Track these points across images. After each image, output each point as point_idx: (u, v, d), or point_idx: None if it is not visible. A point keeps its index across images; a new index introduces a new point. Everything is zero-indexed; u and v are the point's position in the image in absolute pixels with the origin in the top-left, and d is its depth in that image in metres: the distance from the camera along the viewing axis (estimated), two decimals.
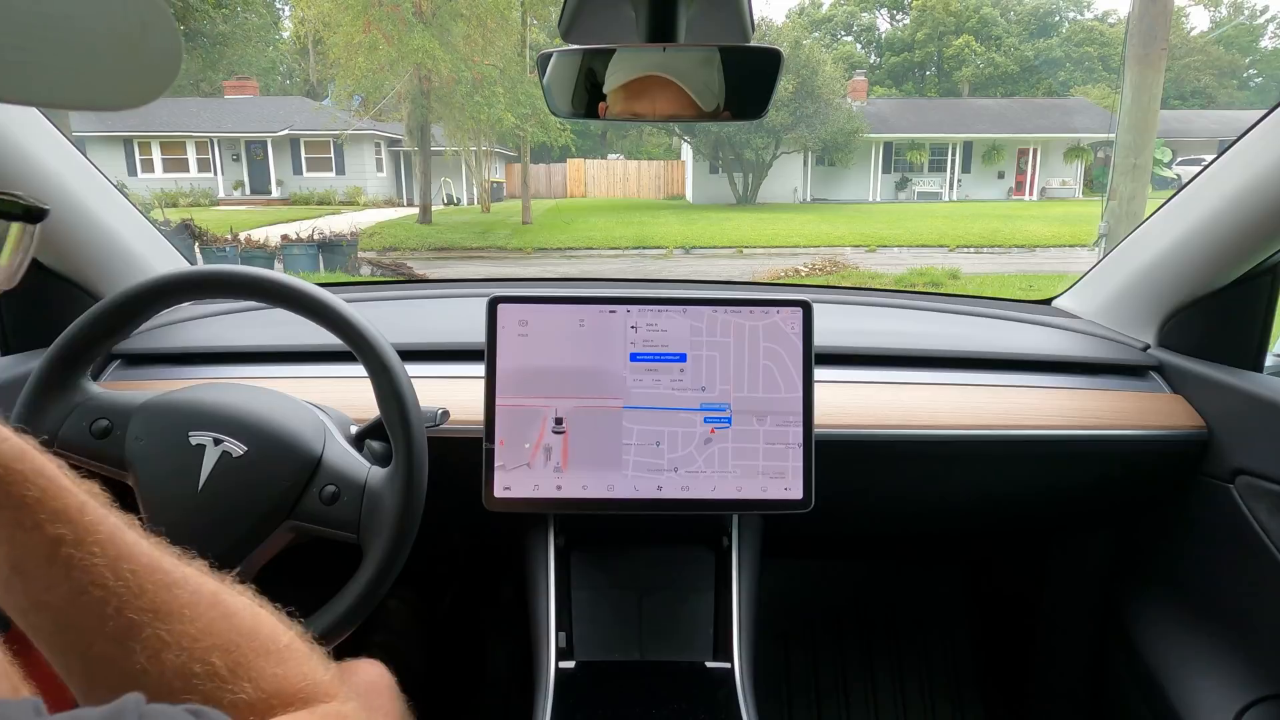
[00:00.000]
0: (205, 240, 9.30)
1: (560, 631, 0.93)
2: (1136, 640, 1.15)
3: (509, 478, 0.89)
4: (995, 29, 30.50)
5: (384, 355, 0.75)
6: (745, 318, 0.91)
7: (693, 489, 0.90)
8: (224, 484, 0.72)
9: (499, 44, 13.54)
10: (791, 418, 0.90)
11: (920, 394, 1.05)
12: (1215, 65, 29.79)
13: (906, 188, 20.88)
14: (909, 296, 1.51)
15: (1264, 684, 0.96)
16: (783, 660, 1.51)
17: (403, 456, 0.74)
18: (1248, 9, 31.83)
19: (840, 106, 18.86)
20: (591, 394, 0.90)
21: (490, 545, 1.29)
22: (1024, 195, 20.72)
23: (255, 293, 0.77)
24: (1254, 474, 0.96)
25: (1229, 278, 1.01)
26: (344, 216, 14.49)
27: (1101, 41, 31.02)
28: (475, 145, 15.41)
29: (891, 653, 1.53)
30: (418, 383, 0.77)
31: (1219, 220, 0.97)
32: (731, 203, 19.19)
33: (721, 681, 0.90)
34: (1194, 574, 1.09)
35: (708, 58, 0.70)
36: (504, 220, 15.11)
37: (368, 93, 14.12)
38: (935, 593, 1.58)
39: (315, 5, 14.39)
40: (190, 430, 0.74)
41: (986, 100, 25.52)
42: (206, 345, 1.09)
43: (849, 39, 35.55)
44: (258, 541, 0.72)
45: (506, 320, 0.90)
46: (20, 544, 0.38)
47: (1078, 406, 1.05)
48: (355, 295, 1.35)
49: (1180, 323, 1.11)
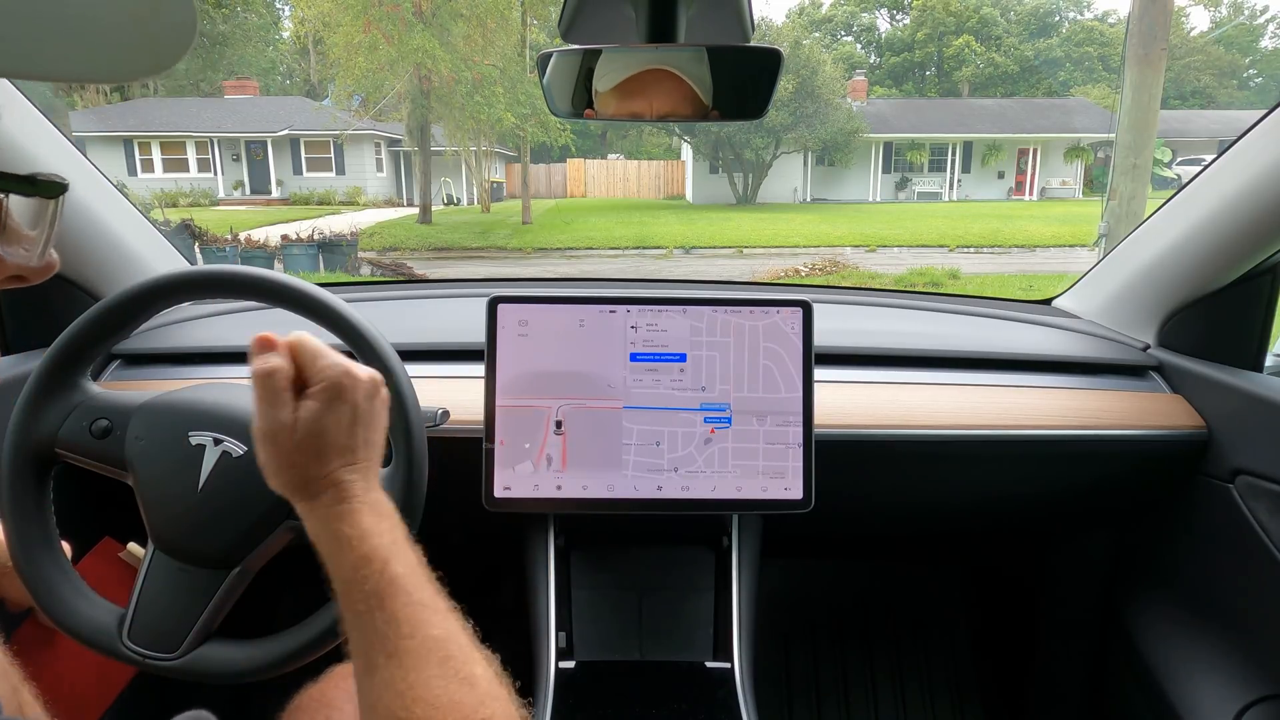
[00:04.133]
0: (205, 240, 9.31)
1: (560, 631, 0.93)
2: (1136, 640, 1.15)
3: (509, 478, 0.89)
4: (995, 29, 30.50)
5: (384, 355, 0.75)
6: (745, 318, 0.91)
7: (693, 489, 0.90)
8: (224, 484, 0.72)
9: (499, 44, 13.54)
10: (791, 418, 0.90)
11: (920, 394, 1.05)
12: (1215, 65, 29.78)
13: (906, 188, 20.87)
14: (909, 296, 1.51)
15: (1264, 684, 0.96)
16: (783, 660, 1.51)
17: (403, 456, 0.74)
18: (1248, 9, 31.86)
19: (840, 106, 18.86)
20: (591, 394, 0.90)
21: (490, 545, 1.29)
22: (1024, 195, 20.72)
23: (255, 293, 0.77)
24: (1254, 474, 0.96)
25: (1229, 278, 1.01)
26: (344, 216, 14.48)
27: (1101, 41, 31.01)
28: (475, 145, 15.42)
29: (891, 653, 1.53)
30: (418, 383, 0.77)
31: (1219, 220, 0.97)
32: (731, 203, 19.19)
33: (721, 681, 0.90)
34: (1194, 574, 1.09)
35: (699, 56, 0.70)
36: (504, 220, 15.11)
37: (368, 93, 14.13)
38: (935, 592, 1.58)
39: (315, 5, 14.40)
40: (190, 430, 0.74)
41: (986, 100, 25.52)
42: (206, 345, 1.09)
43: (849, 39, 35.56)
44: (258, 541, 0.72)
45: (506, 320, 0.90)
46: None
47: (1078, 406, 1.05)
48: (355, 295, 1.35)
49: (1180, 323, 1.11)
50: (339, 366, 0.57)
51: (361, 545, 0.53)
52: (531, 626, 0.94)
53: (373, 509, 0.56)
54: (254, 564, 0.72)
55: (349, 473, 0.56)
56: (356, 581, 0.52)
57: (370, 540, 0.53)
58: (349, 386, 0.57)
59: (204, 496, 0.71)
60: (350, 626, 0.52)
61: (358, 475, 0.56)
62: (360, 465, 0.57)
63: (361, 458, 0.57)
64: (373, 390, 0.59)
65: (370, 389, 0.59)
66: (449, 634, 0.52)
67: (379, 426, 0.60)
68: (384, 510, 0.57)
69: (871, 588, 1.58)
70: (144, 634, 0.69)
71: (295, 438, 0.55)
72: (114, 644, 0.68)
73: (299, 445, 0.55)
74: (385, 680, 0.48)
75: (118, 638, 0.69)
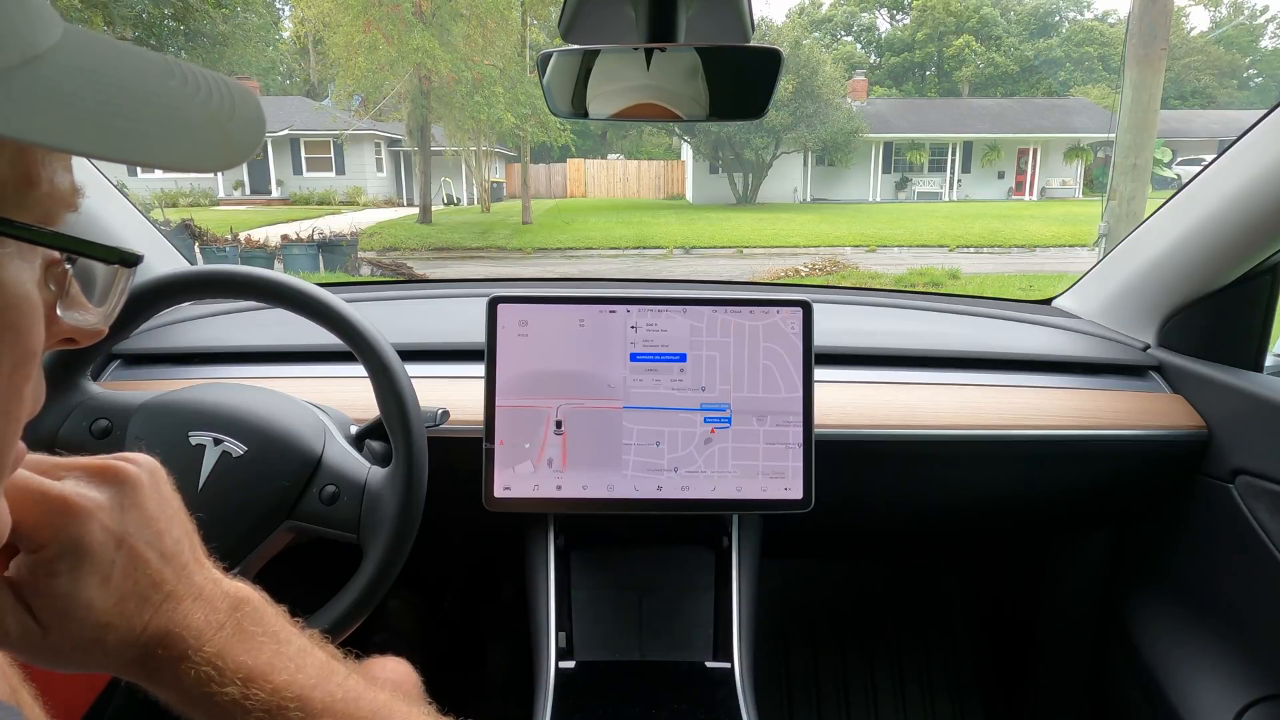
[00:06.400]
0: (205, 240, 9.31)
1: (560, 631, 0.93)
2: (1136, 640, 1.15)
3: (509, 478, 0.89)
4: (995, 29, 30.51)
5: (384, 355, 0.75)
6: (745, 318, 0.91)
7: (692, 489, 0.90)
8: (224, 484, 0.72)
9: (499, 44, 13.55)
10: (791, 418, 0.90)
11: (920, 394, 1.05)
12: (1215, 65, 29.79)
13: (906, 188, 20.88)
14: (909, 296, 1.51)
15: (1264, 684, 0.96)
16: (783, 660, 1.51)
17: (403, 456, 0.74)
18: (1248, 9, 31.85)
19: (840, 106, 18.87)
20: (591, 394, 0.90)
21: (490, 545, 1.29)
22: (1024, 195, 20.72)
23: (255, 293, 0.77)
24: (1254, 474, 0.96)
25: (1229, 278, 1.01)
26: (344, 216, 14.50)
27: (1101, 41, 31.02)
28: (475, 145, 15.42)
29: (891, 653, 1.53)
30: (418, 383, 0.77)
31: (1219, 220, 0.97)
32: (731, 203, 19.20)
33: (721, 681, 0.90)
34: (1194, 574, 1.09)
35: (693, 66, 0.70)
36: (504, 220, 15.12)
37: (368, 93, 14.12)
38: (935, 592, 1.58)
39: (315, 5, 14.39)
40: (190, 430, 0.74)
41: (986, 100, 25.52)
42: (206, 345, 1.09)
43: (849, 39, 35.57)
44: (258, 541, 0.72)
45: (506, 320, 0.90)
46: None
47: (1078, 406, 1.05)
48: (355, 295, 1.35)
49: (1180, 323, 1.11)
50: (55, 506, 0.37)
51: (252, 698, 0.39)
52: (531, 626, 0.94)
53: (241, 638, 0.40)
54: (254, 564, 0.72)
55: (169, 613, 0.39)
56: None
57: (262, 685, 0.39)
58: (86, 522, 0.37)
59: (204, 497, 0.71)
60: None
61: (186, 609, 0.39)
62: (185, 596, 0.40)
63: (179, 588, 0.39)
64: (131, 493, 0.39)
65: (126, 494, 0.39)
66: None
67: (177, 528, 0.41)
68: (261, 628, 0.41)
69: (872, 588, 1.58)
70: None
71: (44, 623, 0.36)
72: None
73: (53, 628, 0.36)
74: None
75: None
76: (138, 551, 0.38)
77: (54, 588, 0.36)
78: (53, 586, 0.36)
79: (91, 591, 0.37)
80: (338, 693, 0.41)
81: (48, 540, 0.36)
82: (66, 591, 0.36)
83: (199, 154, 0.31)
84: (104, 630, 0.37)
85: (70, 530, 0.37)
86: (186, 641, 0.39)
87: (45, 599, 0.36)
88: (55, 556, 0.36)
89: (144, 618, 0.38)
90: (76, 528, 0.37)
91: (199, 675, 0.38)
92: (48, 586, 0.36)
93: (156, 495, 0.41)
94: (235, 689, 0.38)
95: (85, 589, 0.36)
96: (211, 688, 0.38)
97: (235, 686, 0.38)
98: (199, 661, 0.38)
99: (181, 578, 0.40)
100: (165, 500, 0.41)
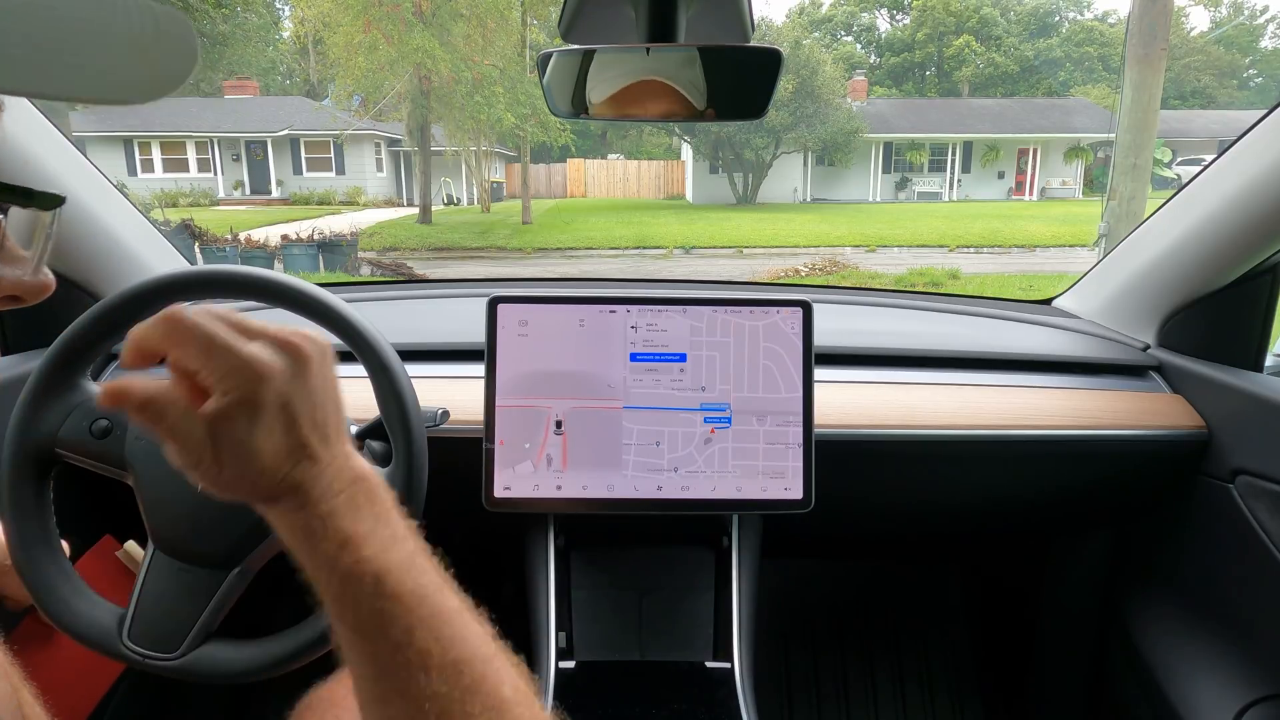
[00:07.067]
0: (205, 240, 9.31)
1: (560, 631, 0.93)
2: (1136, 640, 1.15)
3: (509, 478, 0.89)
4: (995, 29, 30.51)
5: (384, 355, 0.75)
6: (745, 318, 0.91)
7: (692, 489, 0.90)
8: None
9: (499, 44, 13.55)
10: (791, 418, 0.90)
11: (920, 394, 1.05)
12: (1215, 65, 29.79)
13: (906, 188, 20.88)
14: (909, 296, 1.51)
15: (1264, 684, 0.96)
16: (783, 660, 1.51)
17: (403, 456, 0.74)
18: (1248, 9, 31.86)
19: (840, 106, 18.87)
20: (591, 394, 0.90)
21: (490, 545, 1.29)
22: (1024, 195, 20.72)
23: (255, 293, 0.77)
24: (1254, 474, 0.96)
25: (1229, 278, 1.01)
26: (344, 216, 14.49)
27: (1101, 41, 31.02)
28: (475, 145, 15.42)
29: (891, 653, 1.53)
30: (418, 383, 0.77)
31: (1219, 220, 0.97)
32: (731, 203, 19.20)
33: (721, 681, 0.90)
34: (1194, 574, 1.09)
35: (692, 60, 0.70)
36: (504, 220, 15.11)
37: (368, 93, 14.13)
38: (935, 592, 1.58)
39: (315, 5, 14.40)
40: None
41: (986, 100, 25.53)
42: None
43: (849, 39, 35.56)
44: (258, 541, 0.72)
45: (506, 320, 0.90)
46: None
47: (1078, 406, 1.05)
48: (355, 295, 1.35)
49: (1180, 323, 1.11)
50: (245, 364, 0.43)
51: (341, 559, 0.43)
52: (531, 626, 0.94)
53: (351, 507, 0.45)
54: (254, 564, 0.72)
55: (305, 470, 0.44)
56: (345, 604, 0.43)
57: (353, 552, 0.43)
58: (266, 382, 0.43)
59: (204, 496, 0.71)
60: (348, 655, 0.44)
61: (318, 471, 0.45)
62: (321, 460, 0.45)
63: (319, 453, 0.45)
64: (302, 366, 0.45)
65: (298, 366, 0.45)
66: (471, 655, 0.44)
67: (330, 405, 0.47)
68: (370, 506, 0.46)
69: (872, 588, 1.58)
70: (144, 634, 0.69)
71: (221, 459, 0.43)
72: (114, 644, 0.68)
73: (227, 464, 0.43)
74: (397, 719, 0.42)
75: (118, 638, 0.69)
76: (295, 415, 0.44)
77: (233, 431, 0.43)
78: (232, 430, 0.43)
79: (259, 440, 0.43)
80: (409, 583, 0.44)
81: (232, 389, 0.42)
82: (240, 437, 0.43)
83: (115, 82, 0.28)
84: (259, 474, 0.44)
85: (251, 385, 0.43)
86: (310, 496, 0.44)
87: (226, 439, 0.43)
88: (236, 404, 0.43)
89: (286, 469, 0.44)
90: (256, 384, 0.43)
91: (309, 526, 0.44)
92: (227, 429, 0.43)
93: (322, 374, 0.47)
94: (330, 546, 0.44)
95: (254, 438, 0.43)
96: (315, 540, 0.44)
97: (331, 544, 0.44)
98: (312, 515, 0.44)
99: (323, 446, 0.46)
100: (327, 380, 0.47)
